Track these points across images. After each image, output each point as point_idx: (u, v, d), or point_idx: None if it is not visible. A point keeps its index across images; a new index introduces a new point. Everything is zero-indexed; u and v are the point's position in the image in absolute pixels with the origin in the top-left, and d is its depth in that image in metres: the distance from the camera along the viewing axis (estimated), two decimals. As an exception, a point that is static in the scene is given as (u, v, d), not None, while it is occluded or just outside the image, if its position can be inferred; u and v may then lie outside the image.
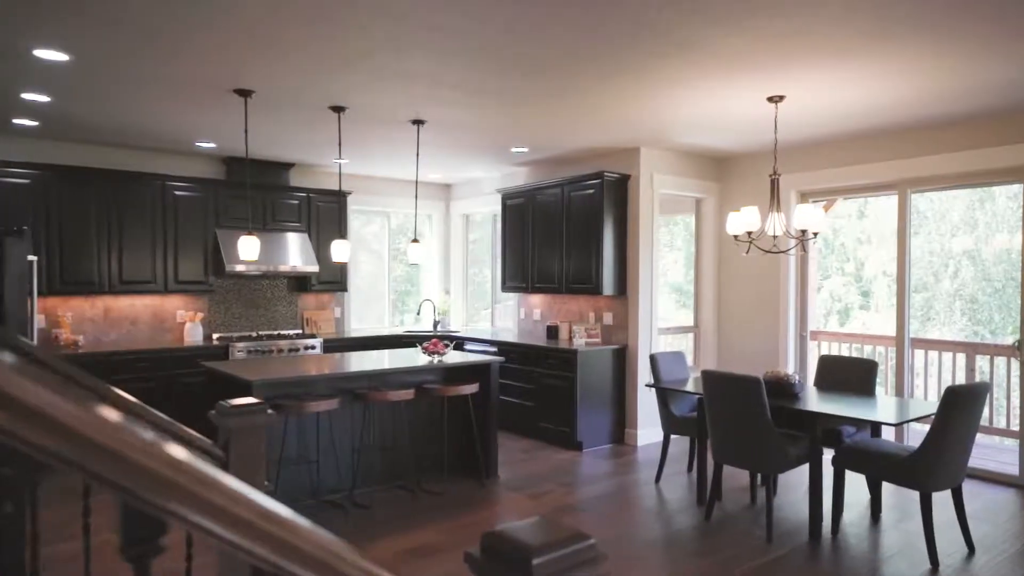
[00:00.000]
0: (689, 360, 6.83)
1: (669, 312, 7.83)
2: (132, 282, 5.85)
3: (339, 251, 4.72)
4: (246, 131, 4.37)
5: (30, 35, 3.22)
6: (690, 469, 5.14)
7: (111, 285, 5.75)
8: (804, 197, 6.05)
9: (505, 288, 7.07)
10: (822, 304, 8.79)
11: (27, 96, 4.27)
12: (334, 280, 7.06)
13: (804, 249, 4.62)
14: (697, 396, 4.43)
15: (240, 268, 6.12)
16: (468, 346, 6.95)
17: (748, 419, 3.84)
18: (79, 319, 5.84)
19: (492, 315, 7.99)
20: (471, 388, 4.75)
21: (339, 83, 4.01)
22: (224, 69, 3.74)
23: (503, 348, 6.51)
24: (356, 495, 4.50)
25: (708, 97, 4.29)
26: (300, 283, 7.01)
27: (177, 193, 6.07)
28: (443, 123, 5.03)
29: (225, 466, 1.59)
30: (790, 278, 6.08)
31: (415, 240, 5.08)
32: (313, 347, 6.49)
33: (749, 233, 4.37)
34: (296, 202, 6.79)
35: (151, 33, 3.20)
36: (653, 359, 4.99)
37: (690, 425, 4.74)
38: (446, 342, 5.00)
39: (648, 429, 5.98)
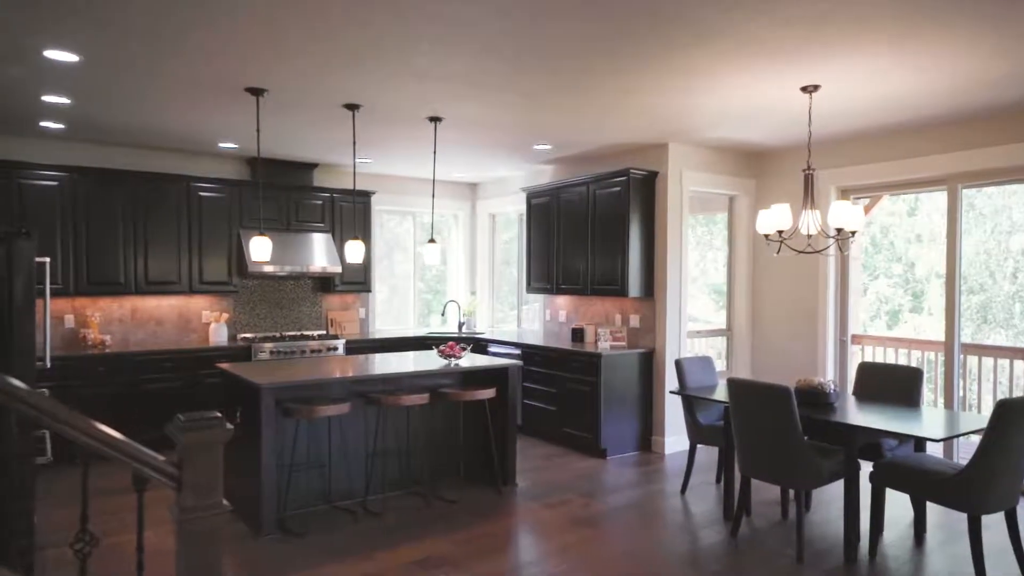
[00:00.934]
0: (721, 365, 6.55)
1: (709, 314, 7.54)
2: (157, 283, 5.89)
3: (353, 251, 4.62)
4: (258, 130, 4.31)
5: (39, 35, 3.19)
6: (718, 480, 4.89)
7: (137, 286, 5.79)
8: (845, 194, 5.72)
9: (530, 289, 6.90)
10: (868, 306, 8.36)
11: (48, 99, 4.29)
12: (357, 281, 7.00)
13: (841, 248, 4.32)
14: (724, 405, 4.18)
15: (264, 269, 6.11)
16: (492, 348, 6.80)
17: (777, 432, 3.59)
18: (107, 319, 5.90)
19: (519, 316, 7.84)
20: (488, 393, 4.59)
21: (351, 80, 3.91)
22: (233, 67, 3.67)
23: (526, 351, 6.34)
24: (368, 501, 4.40)
25: (738, 88, 4.05)
26: (324, 284, 6.98)
27: (202, 194, 6.09)
28: (461, 120, 4.89)
29: (179, 485, 1.47)
30: (829, 279, 5.75)
31: (431, 240, 4.96)
32: (335, 348, 6.44)
33: (780, 232, 4.11)
34: (320, 202, 6.75)
35: (157, 31, 3.15)
36: (679, 365, 4.76)
37: (717, 435, 4.50)
38: (463, 345, 4.86)
39: (676, 437, 5.73)
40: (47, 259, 3.69)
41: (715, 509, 4.39)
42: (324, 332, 6.93)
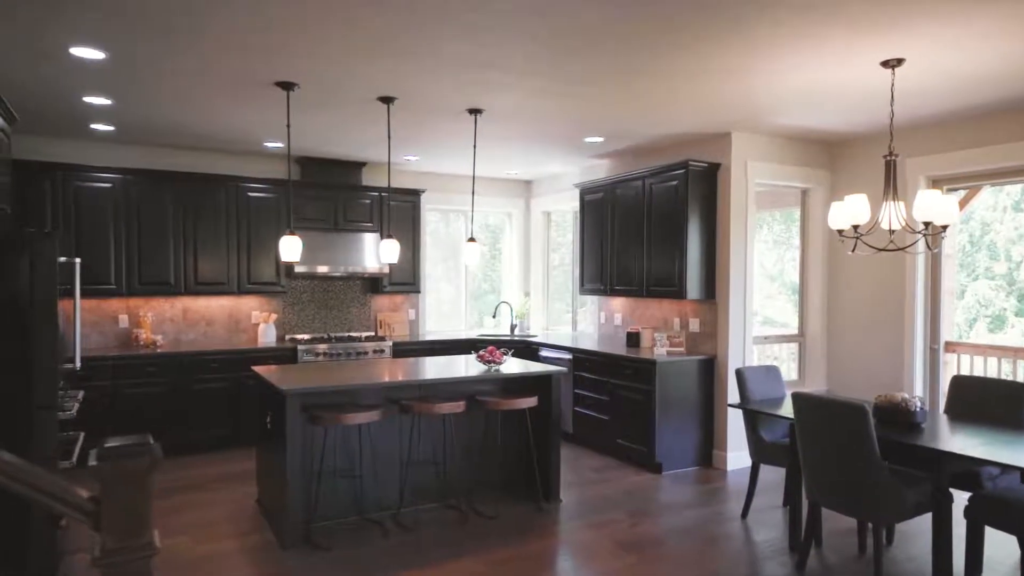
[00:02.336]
0: (794, 373, 6.00)
1: (789, 318, 6.97)
2: (207, 283, 5.91)
3: (388, 251, 4.42)
4: (288, 125, 4.17)
5: (63, 32, 3.14)
6: (785, 504, 4.40)
7: (187, 286, 5.83)
8: (936, 185, 5.08)
9: (583, 290, 6.55)
10: (965, 310, 7.54)
11: (89, 99, 4.30)
12: (406, 281, 6.85)
13: (930, 245, 3.77)
14: (789, 421, 3.72)
15: (309, 269, 6.03)
16: (542, 352, 6.50)
17: (850, 456, 3.13)
18: (160, 319, 5.97)
19: (574, 319, 7.49)
20: (529, 402, 4.30)
21: (384, 70, 3.70)
22: (260, 59, 3.53)
23: (577, 355, 6.00)
24: (401, 514, 4.19)
25: (809, 66, 3.58)
26: (373, 284, 6.87)
27: (250, 194, 6.07)
28: (502, 112, 4.62)
29: (96, 524, 1.25)
30: (917, 280, 5.13)
31: (471, 239, 4.71)
32: (382, 351, 6.30)
33: (856, 227, 3.61)
34: (368, 201, 6.63)
35: (177, 24, 3.03)
36: (739, 375, 4.31)
37: (783, 453, 4.03)
38: (504, 349, 4.58)
39: (741, 452, 5.25)
40: (77, 259, 3.66)
41: (780, 537, 3.93)
42: (372, 334, 6.81)
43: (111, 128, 5.16)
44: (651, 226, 5.62)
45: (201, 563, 3.51)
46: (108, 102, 4.36)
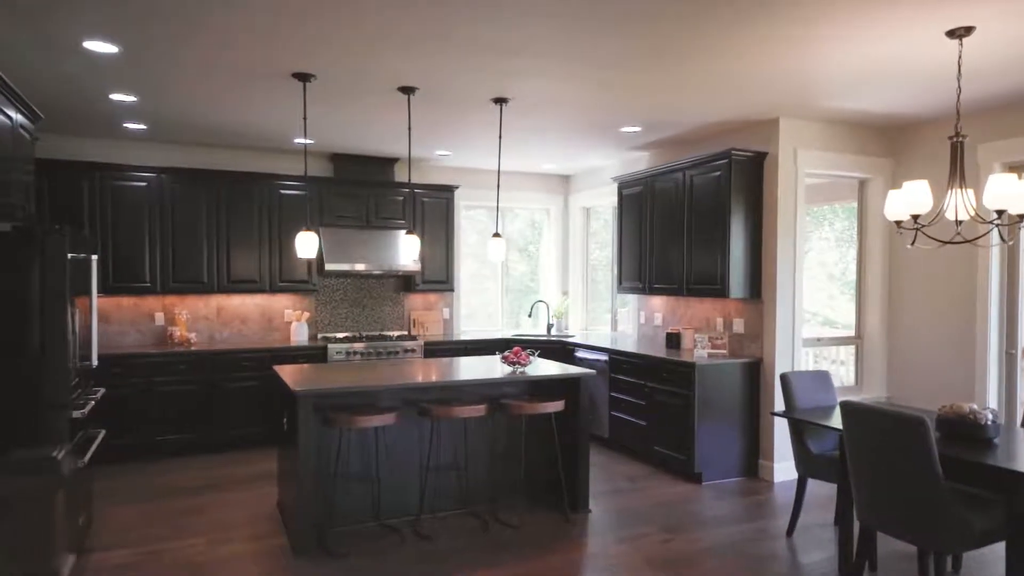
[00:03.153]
0: (850, 378, 5.57)
1: (852, 319, 6.51)
2: (239, 281, 5.89)
3: (409, 247, 4.26)
4: (304, 118, 4.06)
5: (75, 26, 3.09)
6: (836, 521, 4.02)
7: (220, 284, 5.82)
8: (1013, 171, 4.58)
9: (620, 289, 6.26)
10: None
11: (115, 97, 4.30)
12: (439, 280, 6.70)
13: (1004, 238, 3.35)
14: (838, 432, 3.38)
15: (340, 267, 5.95)
16: (578, 353, 6.24)
17: (906, 474, 2.77)
18: (195, 317, 6.00)
19: (613, 319, 7.20)
20: (555, 406, 4.06)
21: (403, 58, 3.54)
22: (276, 50, 3.42)
23: (613, 357, 5.72)
24: (422, 520, 4.02)
25: (866, 38, 3.23)
26: (407, 283, 6.74)
27: (282, 192, 6.03)
28: (529, 100, 4.39)
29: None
30: (991, 276, 4.65)
31: (496, 235, 4.50)
32: (413, 350, 6.17)
33: (915, 217, 3.23)
34: (400, 198, 6.51)
35: (188, 14, 2.94)
36: (785, 380, 3.96)
37: (832, 467, 3.68)
38: (530, 350, 4.36)
39: (789, 463, 4.87)
40: (94, 256, 3.62)
41: (829, 559, 3.58)
42: (405, 333, 6.70)
43: (143, 127, 5.18)
44: (692, 221, 5.29)
45: (212, 567, 3.42)
46: (133, 99, 4.35)
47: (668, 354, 5.28)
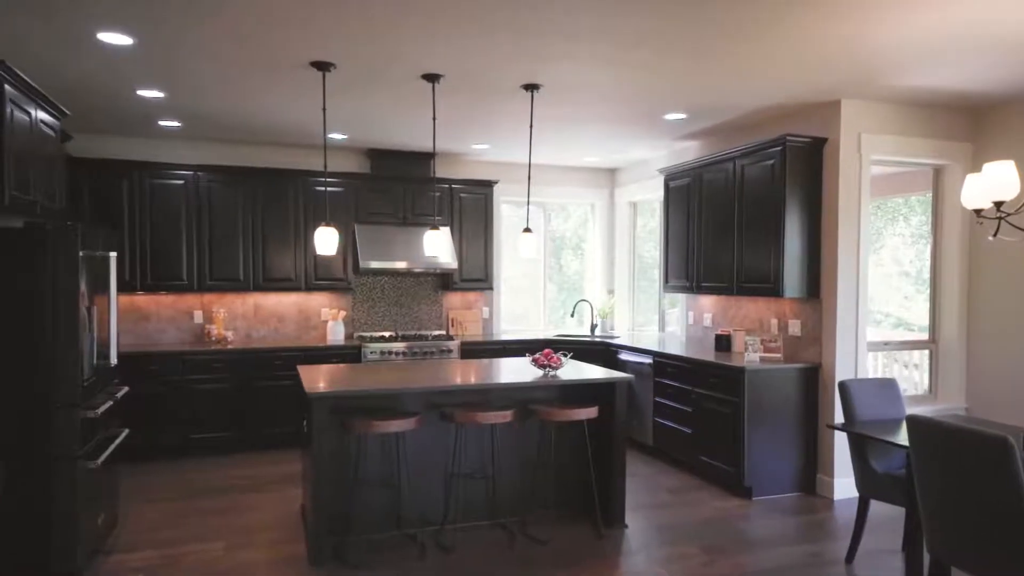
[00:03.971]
0: (924, 386, 5.06)
1: (926, 319, 5.97)
2: (275, 279, 5.85)
3: (433, 243, 4.06)
4: (324, 109, 3.92)
5: (89, 17, 3.02)
6: (904, 548, 3.60)
7: (255, 282, 5.79)
8: (1115, 154, 4.02)
9: (666, 287, 5.91)
10: None
11: (143, 93, 4.27)
12: (478, 278, 6.50)
13: (1107, 229, 2.88)
14: (904, 450, 2.98)
15: (375, 264, 5.82)
16: (621, 355, 5.92)
17: (988, 503, 2.38)
18: (232, 315, 5.99)
19: (661, 319, 6.83)
20: (587, 413, 3.78)
21: (425, 43, 3.35)
22: (293, 37, 3.28)
23: (658, 360, 5.39)
24: (445, 531, 3.81)
25: (942, 1, 2.83)
26: (445, 281, 6.57)
27: (318, 188, 5.96)
28: (563, 87, 4.13)
29: None
30: (1088, 275, 4.10)
31: (527, 229, 4.25)
32: (449, 350, 5.99)
33: (998, 205, 2.80)
34: (438, 194, 6.35)
35: (204, 2, 2.82)
36: (844, 389, 3.57)
37: (898, 488, 3.27)
38: (563, 352, 4.09)
39: (852, 478, 4.44)
40: (113, 253, 3.57)
41: (894, 592, 3.18)
42: (443, 332, 6.53)
43: (177, 124, 5.17)
44: (743, 214, 4.90)
45: (226, 574, 3.31)
46: (160, 95, 4.31)
47: (717, 357, 4.91)
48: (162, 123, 5.13)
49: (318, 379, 3.73)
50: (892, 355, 5.45)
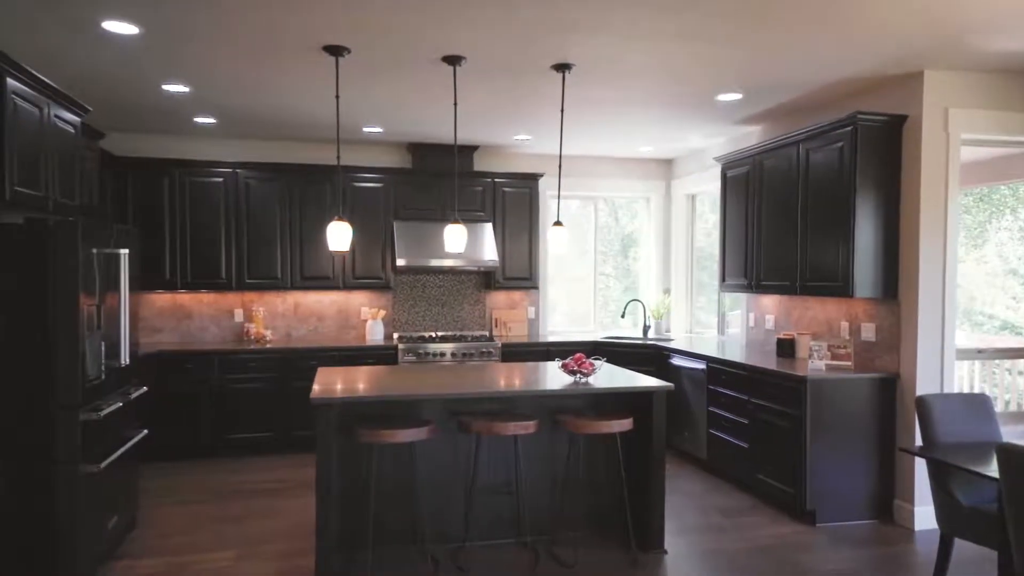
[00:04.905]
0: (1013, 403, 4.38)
1: None
2: (312, 278, 5.74)
3: (452, 238, 3.78)
4: (337, 96, 3.70)
5: (94, 6, 2.92)
6: (998, 595, 3.03)
7: (293, 281, 5.70)
8: None
9: (723, 286, 5.41)
10: None
11: (167, 87, 4.20)
12: (521, 276, 6.19)
13: None
14: (996, 482, 2.46)
15: (413, 263, 5.61)
16: (674, 359, 5.47)
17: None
18: (272, 314, 5.93)
19: (720, 320, 6.31)
20: (621, 424, 3.41)
21: (443, 20, 3.08)
22: (303, 20, 3.08)
23: (712, 365, 4.92)
24: (465, 549, 3.53)
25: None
26: (488, 280, 6.30)
27: (356, 184, 5.81)
28: (599, 65, 3.76)
29: None
30: None
31: (557, 223, 3.91)
32: (489, 352, 5.71)
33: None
34: (480, 188, 6.08)
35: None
36: (923, 405, 3.05)
37: (990, 527, 2.73)
38: (596, 358, 3.73)
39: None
40: (125, 250, 3.48)
41: (982, 652, 2.65)
42: (486, 333, 6.25)
43: (211, 120, 5.12)
44: (807, 204, 4.38)
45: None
46: (185, 89, 4.23)
47: (779, 364, 4.41)
48: (197, 120, 5.09)
49: (334, 382, 3.52)
50: (992, 364, 4.78)
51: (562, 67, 3.76)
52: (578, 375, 3.63)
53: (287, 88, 4.21)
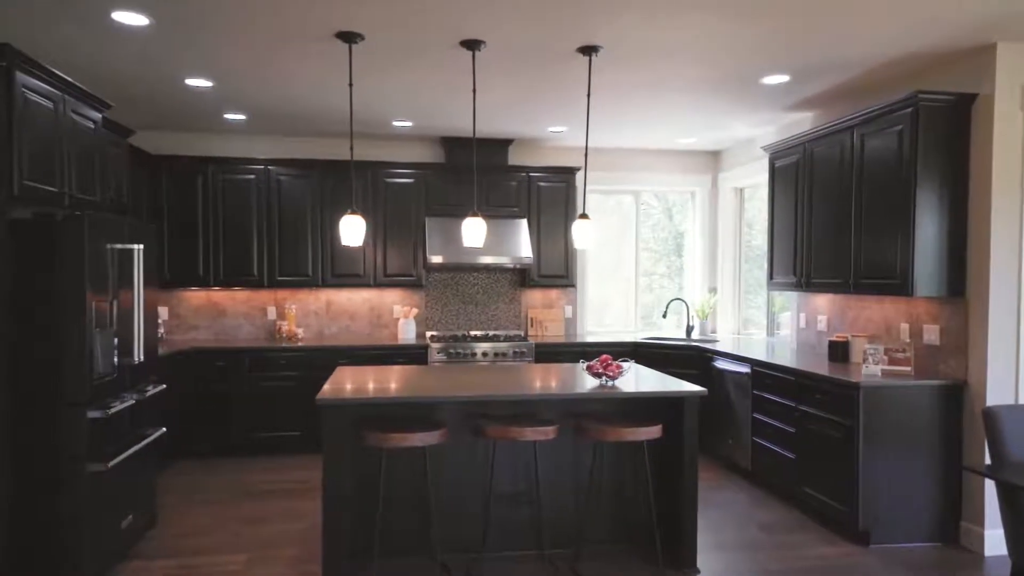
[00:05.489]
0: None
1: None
2: (343, 275, 5.67)
3: (473, 233, 3.59)
4: (350, 84, 3.57)
5: (103, -2, 2.88)
6: (1082, 638, 2.64)
7: (324, 278, 5.65)
8: None
9: (771, 284, 5.06)
10: None
11: (191, 82, 4.17)
12: (557, 274, 5.97)
13: None
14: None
15: (445, 260, 5.47)
16: (717, 362, 5.15)
17: None
18: (304, 312, 5.89)
19: (770, 321, 5.93)
20: (648, 432, 3.15)
21: (462, 1, 2.91)
22: (315, 4, 2.96)
23: (756, 369, 4.59)
24: (482, 559, 3.34)
25: None
26: (523, 277, 6.10)
27: (387, 180, 5.71)
28: (629, 47, 3.51)
29: None
30: None
31: (583, 215, 3.68)
32: (522, 353, 5.51)
33: None
34: (514, 183, 5.89)
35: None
36: (990, 418, 2.69)
37: (1072, 562, 2.36)
38: (623, 360, 3.48)
39: (1006, 530, 3.44)
40: (139, 245, 3.44)
41: None
42: (520, 333, 6.06)
43: (242, 117, 5.10)
44: (862, 194, 4.01)
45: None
46: (209, 84, 4.20)
47: (831, 369, 4.06)
48: (228, 116, 5.08)
49: (346, 382, 3.40)
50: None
51: (589, 50, 3.53)
52: (603, 378, 3.39)
53: (306, 79, 4.11)
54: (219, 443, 5.20)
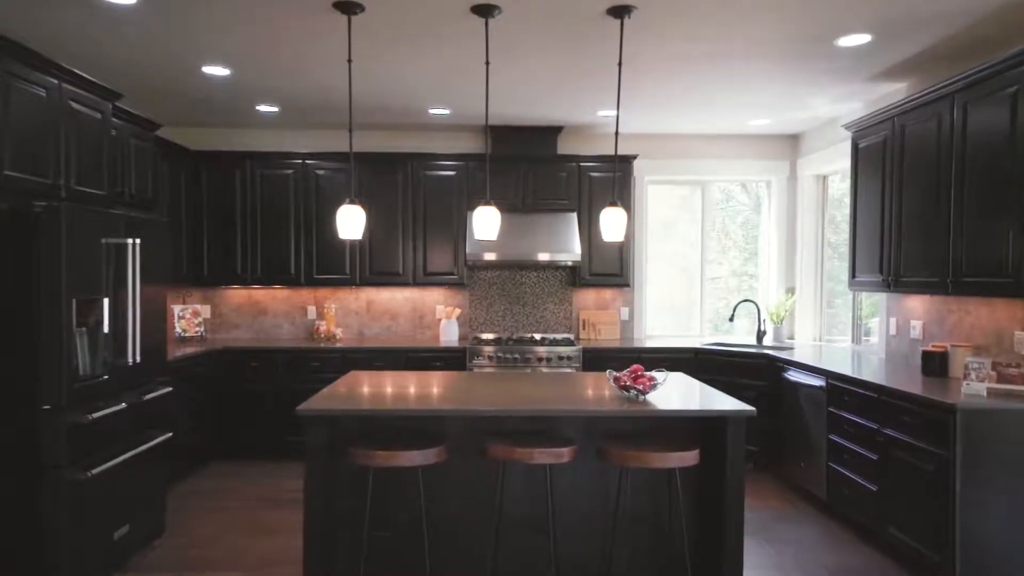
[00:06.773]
0: None
1: None
2: (381, 273, 5.43)
3: (484, 224, 3.19)
4: (349, 60, 3.23)
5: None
6: None
7: (361, 276, 5.42)
8: None
9: (852, 284, 4.36)
10: None
11: (207, 70, 4.01)
12: (611, 272, 5.47)
13: None
14: None
15: (486, 257, 5.11)
16: (789, 373, 4.50)
17: None
18: (344, 311, 5.70)
19: (855, 327, 5.17)
20: (681, 458, 2.65)
21: None
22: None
23: (832, 383, 3.93)
24: (491, 595, 2.95)
25: None
26: (573, 276, 5.64)
27: (427, 172, 5.41)
28: (667, 4, 3.00)
29: None
30: None
31: (613, 203, 3.21)
32: (569, 358, 5.05)
33: None
34: (564, 174, 5.44)
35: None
36: None
37: None
38: (660, 370, 2.98)
39: None
40: (135, 239, 3.27)
41: None
42: (568, 336, 5.60)
43: (275, 109, 4.94)
44: (963, 176, 3.30)
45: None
46: (226, 71, 4.03)
47: (925, 385, 3.39)
48: (260, 108, 4.93)
49: (347, 389, 3.09)
50: None
51: (620, 10, 3.05)
52: (633, 391, 2.91)
53: (320, 61, 3.84)
54: (250, 446, 5.07)
